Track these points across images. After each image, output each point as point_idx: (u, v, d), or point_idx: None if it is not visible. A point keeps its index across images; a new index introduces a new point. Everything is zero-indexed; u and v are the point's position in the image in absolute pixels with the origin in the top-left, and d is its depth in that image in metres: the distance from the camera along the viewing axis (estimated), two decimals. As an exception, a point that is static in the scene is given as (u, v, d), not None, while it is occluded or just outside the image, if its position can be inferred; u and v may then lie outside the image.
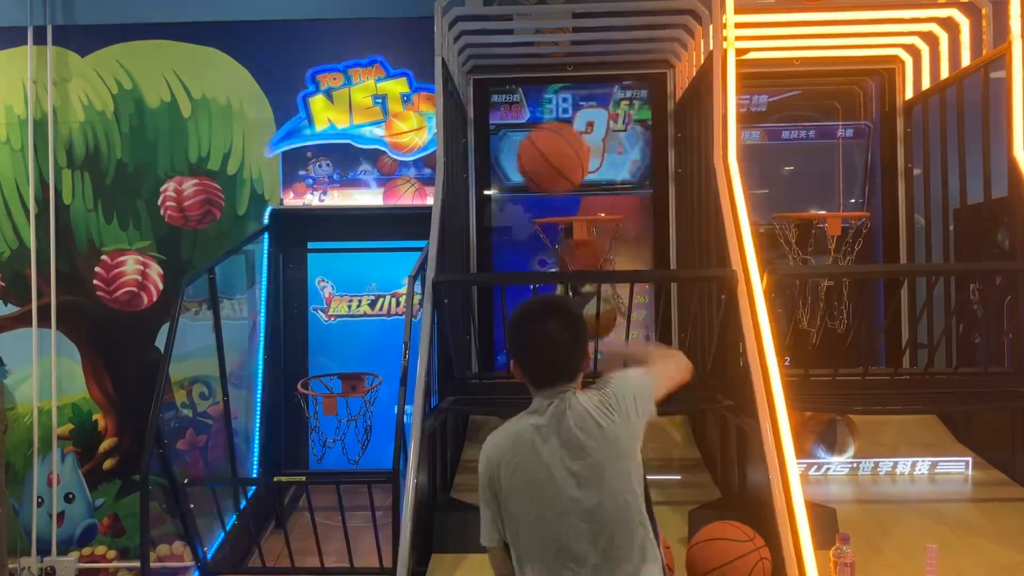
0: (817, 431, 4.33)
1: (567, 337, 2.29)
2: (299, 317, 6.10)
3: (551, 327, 2.29)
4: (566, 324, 2.31)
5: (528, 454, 2.23)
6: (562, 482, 2.19)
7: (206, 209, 6.09)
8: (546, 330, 2.29)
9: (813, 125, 5.79)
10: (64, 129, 6.12)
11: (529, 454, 2.23)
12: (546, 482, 2.21)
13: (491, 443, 2.32)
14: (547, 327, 2.29)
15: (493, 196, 5.92)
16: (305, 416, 5.53)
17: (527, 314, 2.37)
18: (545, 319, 2.31)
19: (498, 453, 2.29)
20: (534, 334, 2.31)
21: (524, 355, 2.33)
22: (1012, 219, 4.32)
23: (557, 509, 2.19)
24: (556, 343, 2.28)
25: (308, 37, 6.06)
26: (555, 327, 2.29)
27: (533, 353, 2.32)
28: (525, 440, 2.25)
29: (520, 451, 2.25)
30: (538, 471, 2.22)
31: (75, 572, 6.04)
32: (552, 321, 2.30)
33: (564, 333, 2.29)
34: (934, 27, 5.02)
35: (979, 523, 3.75)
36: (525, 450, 2.24)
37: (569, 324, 2.31)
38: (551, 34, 5.36)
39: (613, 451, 2.21)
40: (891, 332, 5.31)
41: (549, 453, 2.22)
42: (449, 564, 3.51)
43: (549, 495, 2.20)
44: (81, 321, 6.11)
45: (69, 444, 6.11)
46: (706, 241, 4.54)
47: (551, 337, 2.28)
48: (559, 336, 2.28)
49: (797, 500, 3.18)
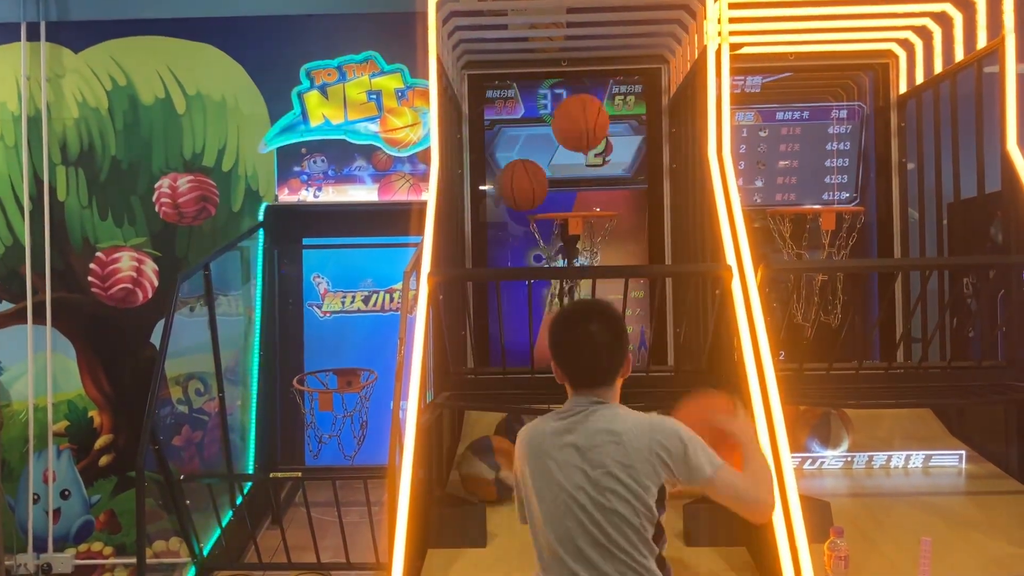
0: (811, 425, 4.34)
1: (606, 338, 2.31)
2: (294, 313, 6.10)
3: (591, 328, 2.31)
4: (606, 326, 2.32)
5: (544, 456, 2.28)
6: (571, 484, 2.23)
7: (201, 206, 6.09)
8: (587, 331, 2.31)
9: (807, 107, 5.80)
10: (58, 125, 6.11)
11: (545, 456, 2.28)
12: (556, 482, 2.24)
13: (520, 435, 2.39)
14: (587, 328, 2.31)
15: (488, 191, 5.91)
16: (301, 412, 5.54)
17: (568, 315, 2.41)
18: (586, 320, 2.33)
19: (520, 450, 2.36)
20: (573, 334, 2.33)
21: (562, 355, 2.35)
22: (1005, 213, 4.33)
23: (562, 510, 2.23)
24: (596, 344, 2.30)
25: (302, 32, 6.05)
26: (595, 328, 2.31)
27: (571, 353, 2.34)
28: (544, 439, 2.30)
29: (538, 450, 2.30)
30: (550, 471, 2.26)
31: (71, 569, 6.04)
32: (592, 323, 2.32)
33: (604, 334, 2.31)
34: (928, 22, 5.03)
35: (973, 516, 3.76)
36: (543, 449, 2.29)
37: (609, 326, 2.33)
38: (545, 29, 5.36)
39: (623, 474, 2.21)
40: (885, 326, 5.33)
41: (563, 455, 2.25)
42: (445, 559, 3.52)
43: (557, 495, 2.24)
44: (76, 318, 6.11)
45: (65, 441, 6.10)
46: (701, 236, 4.54)
47: (592, 338, 2.30)
48: (599, 337, 2.30)
49: (792, 494, 3.19)
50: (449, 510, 3.73)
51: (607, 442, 2.23)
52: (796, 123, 5.77)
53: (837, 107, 5.76)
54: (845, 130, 5.73)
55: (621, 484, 2.19)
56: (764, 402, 3.42)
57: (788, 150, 5.77)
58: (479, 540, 3.63)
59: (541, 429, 2.34)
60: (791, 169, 5.78)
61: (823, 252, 5.28)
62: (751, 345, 3.56)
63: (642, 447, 2.22)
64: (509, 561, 3.44)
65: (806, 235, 5.36)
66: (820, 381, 4.14)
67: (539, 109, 5.90)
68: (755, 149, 5.76)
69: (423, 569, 3.47)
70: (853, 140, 5.73)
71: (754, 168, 5.76)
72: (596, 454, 2.22)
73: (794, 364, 4.20)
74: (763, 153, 5.77)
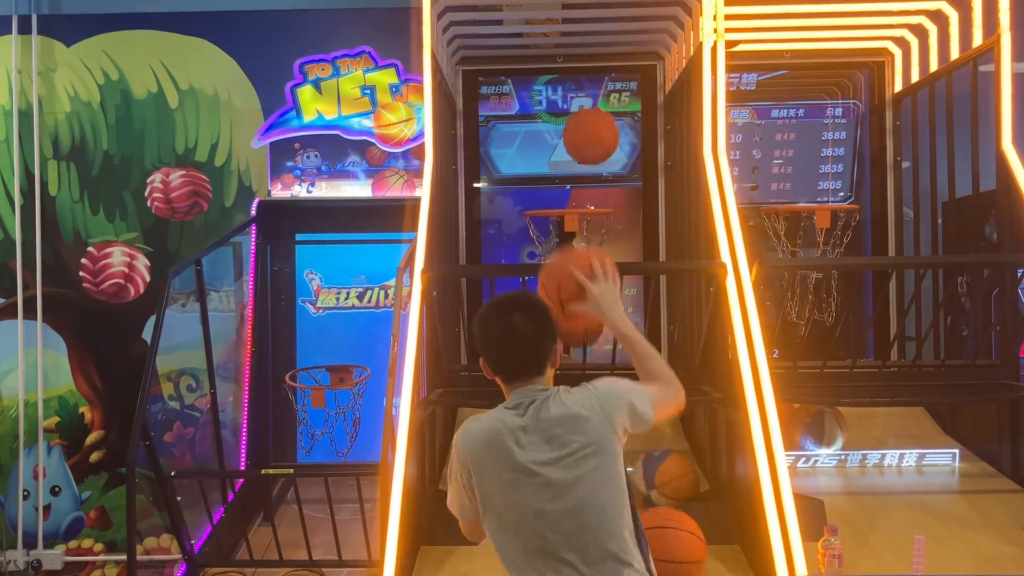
0: (805, 423, 4.34)
1: (531, 329, 2.27)
2: (287, 309, 6.07)
3: (514, 320, 2.27)
4: (529, 316, 2.28)
5: (504, 457, 2.19)
6: (538, 485, 2.16)
7: (193, 200, 6.06)
8: (510, 323, 2.27)
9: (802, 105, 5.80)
10: (49, 120, 6.07)
11: (505, 457, 2.19)
12: (522, 485, 2.17)
13: (469, 434, 2.27)
14: (510, 320, 2.27)
15: (482, 188, 5.90)
16: (293, 409, 5.52)
17: (490, 310, 2.35)
18: (508, 313, 2.29)
19: (472, 446, 2.25)
20: (498, 328, 2.29)
21: (490, 350, 2.31)
22: (1000, 212, 4.34)
23: (534, 511, 2.16)
24: (521, 336, 2.27)
25: (296, 27, 6.02)
26: (518, 320, 2.27)
27: (498, 348, 2.30)
28: (502, 440, 2.21)
29: (495, 452, 2.21)
30: (514, 474, 2.18)
31: (62, 565, 6.01)
32: (515, 314, 2.28)
33: (528, 325, 2.27)
34: (923, 20, 5.03)
35: (966, 514, 3.76)
36: (501, 451, 2.20)
37: (533, 316, 2.29)
38: (540, 25, 5.35)
39: (592, 450, 2.18)
40: (879, 324, 5.33)
41: (525, 455, 2.18)
42: (438, 556, 3.51)
43: (524, 498, 2.17)
44: (67, 313, 6.07)
45: (55, 437, 6.07)
46: (695, 233, 4.54)
47: (515, 330, 2.27)
48: (523, 328, 2.26)
49: (785, 492, 3.18)
50: (442, 507, 3.70)
51: (570, 428, 2.19)
52: (791, 121, 5.77)
53: (832, 105, 5.76)
54: (840, 128, 5.73)
55: (594, 466, 2.17)
56: (758, 400, 3.42)
57: (783, 148, 5.77)
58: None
59: (495, 427, 2.24)
60: (786, 167, 5.78)
61: (818, 250, 5.29)
62: (745, 343, 3.56)
63: (601, 419, 2.20)
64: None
65: (801, 233, 5.37)
66: (814, 379, 4.14)
67: (534, 105, 5.89)
68: (750, 146, 5.75)
69: (415, 566, 3.46)
70: (848, 138, 5.73)
71: (749, 166, 5.75)
72: (563, 443, 2.18)
73: (788, 362, 4.20)
74: (758, 149, 5.76)
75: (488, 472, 2.21)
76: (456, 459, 2.28)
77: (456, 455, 2.28)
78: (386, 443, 3.60)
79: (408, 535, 3.37)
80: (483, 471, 2.22)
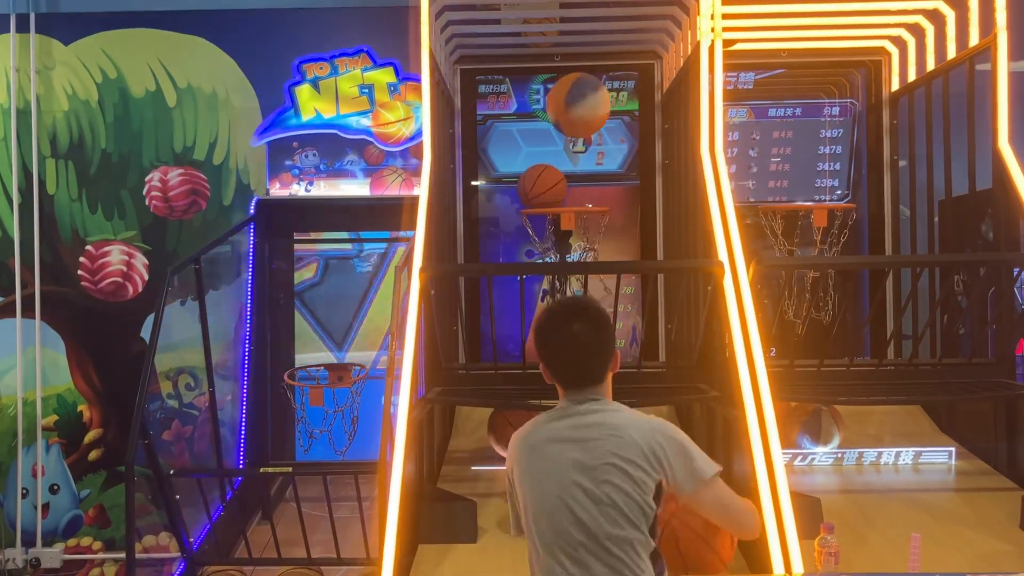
0: (802, 421, 4.34)
1: (594, 338, 2.28)
2: (286, 308, 6.07)
3: (577, 328, 2.27)
4: (593, 325, 2.29)
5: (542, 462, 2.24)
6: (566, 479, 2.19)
7: (192, 199, 6.06)
8: (573, 332, 2.27)
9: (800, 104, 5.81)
10: (48, 118, 6.06)
11: (543, 462, 2.24)
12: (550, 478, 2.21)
13: (514, 443, 2.33)
14: (573, 328, 2.28)
15: (480, 187, 5.91)
16: (292, 407, 5.53)
17: (553, 315, 2.35)
18: (571, 320, 2.29)
19: (516, 455, 2.30)
20: (560, 335, 2.29)
21: (551, 357, 2.32)
22: (996, 211, 4.34)
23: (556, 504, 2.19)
24: (583, 345, 2.27)
25: (294, 26, 6.01)
26: (581, 328, 2.27)
27: (560, 355, 2.30)
28: (540, 435, 2.27)
29: (536, 458, 2.25)
30: (546, 471, 2.22)
31: (60, 563, 6.01)
32: (578, 322, 2.28)
33: (591, 334, 2.27)
34: (920, 19, 5.03)
35: (962, 512, 3.77)
36: (537, 445, 2.26)
37: (596, 325, 2.29)
38: (538, 23, 5.35)
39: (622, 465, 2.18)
40: (876, 323, 5.34)
41: (559, 450, 2.22)
42: (436, 555, 3.51)
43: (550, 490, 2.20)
44: (66, 312, 6.07)
45: (54, 435, 6.07)
46: (693, 232, 4.54)
47: (578, 339, 2.27)
48: (586, 337, 2.27)
49: (782, 490, 3.19)
50: (440, 505, 3.73)
51: (607, 436, 2.20)
52: (788, 119, 5.78)
53: (829, 104, 5.77)
54: (837, 127, 5.74)
55: (620, 475, 2.16)
56: (755, 398, 3.42)
57: (780, 147, 5.78)
58: (470, 536, 3.62)
59: (538, 431, 2.29)
60: (783, 166, 5.79)
61: (815, 249, 5.29)
62: (742, 341, 3.57)
63: (642, 442, 2.19)
64: (500, 557, 3.44)
65: (798, 232, 5.38)
66: (811, 378, 4.15)
67: (532, 104, 5.90)
68: (747, 145, 5.76)
69: (413, 564, 3.46)
70: (845, 137, 5.74)
71: (747, 165, 5.76)
72: (595, 446, 2.19)
73: (785, 360, 4.21)
74: (755, 149, 5.77)
75: (523, 469, 2.26)
76: (507, 469, 2.34)
77: (507, 466, 2.35)
78: (384, 441, 3.61)
79: (406, 533, 3.38)
80: (519, 469, 2.27)
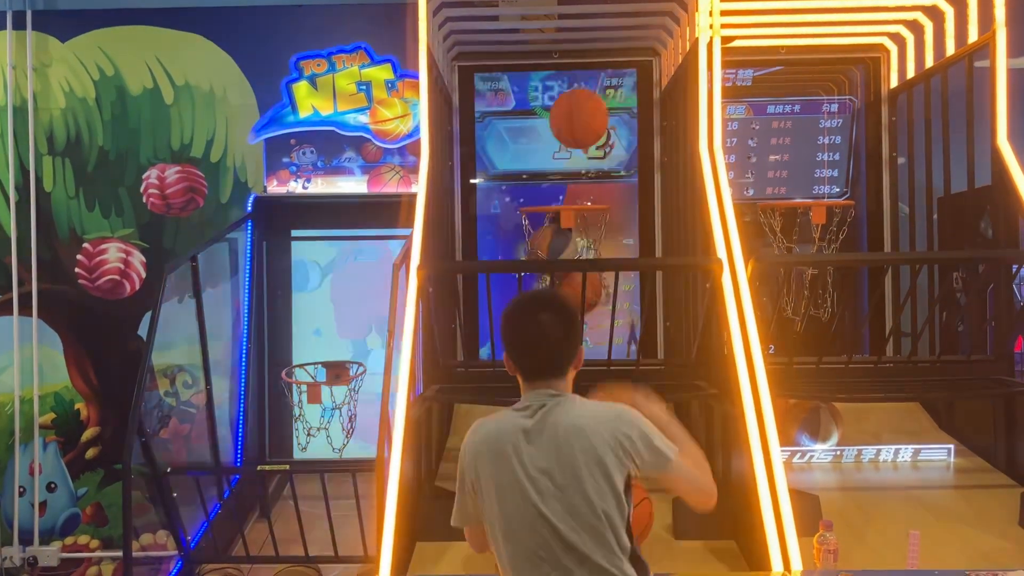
0: (801, 418, 4.34)
1: (559, 331, 2.26)
2: (283, 305, 6.06)
3: (543, 319, 2.26)
4: (558, 317, 2.27)
5: (505, 459, 2.19)
6: (537, 490, 2.15)
7: (189, 196, 6.04)
8: (537, 322, 2.26)
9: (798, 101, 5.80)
10: (44, 116, 6.05)
11: (506, 459, 2.18)
12: (521, 489, 2.16)
13: (474, 435, 2.28)
14: (538, 319, 2.26)
15: (478, 184, 5.90)
16: (289, 405, 5.52)
17: (519, 307, 2.34)
18: (537, 311, 2.28)
19: (476, 448, 2.25)
20: (525, 326, 2.28)
21: (515, 348, 2.30)
22: (995, 208, 4.34)
23: (532, 516, 2.14)
24: (547, 336, 2.25)
25: (292, 23, 6.00)
26: (547, 319, 2.26)
27: (524, 346, 2.29)
28: (505, 442, 2.20)
29: (497, 454, 2.20)
30: (514, 477, 2.17)
31: (58, 561, 6.00)
32: (544, 314, 2.27)
33: (556, 327, 2.26)
34: (919, 16, 5.03)
35: (961, 509, 3.78)
36: (503, 453, 2.19)
37: (562, 318, 2.28)
38: (536, 20, 5.34)
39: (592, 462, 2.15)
40: (875, 320, 5.34)
41: (527, 459, 2.17)
42: (433, 553, 3.51)
43: (523, 502, 2.15)
44: (63, 309, 6.06)
45: (51, 433, 6.06)
46: (691, 229, 4.54)
47: (542, 330, 2.25)
48: (551, 329, 2.25)
49: (781, 487, 3.19)
50: (438, 503, 3.71)
51: (574, 439, 2.17)
52: (787, 117, 5.77)
53: (828, 101, 5.76)
54: (836, 124, 5.74)
55: (593, 479, 2.14)
56: (754, 395, 3.42)
57: (779, 144, 5.77)
58: (468, 533, 3.61)
59: (501, 428, 2.24)
60: (782, 163, 5.78)
61: (813, 246, 5.29)
62: (741, 339, 3.56)
63: (608, 438, 2.17)
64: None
65: (796, 229, 5.37)
66: (810, 375, 4.15)
67: (530, 101, 5.88)
68: (746, 142, 5.75)
69: (411, 562, 3.46)
70: (844, 134, 5.73)
71: (745, 162, 5.76)
72: (565, 453, 2.15)
73: (784, 358, 4.21)
74: (754, 146, 5.77)
75: (489, 474, 2.21)
76: (461, 460, 2.28)
77: (461, 456, 2.28)
78: (382, 439, 3.60)
79: (404, 531, 3.37)
80: (484, 473, 2.21)
